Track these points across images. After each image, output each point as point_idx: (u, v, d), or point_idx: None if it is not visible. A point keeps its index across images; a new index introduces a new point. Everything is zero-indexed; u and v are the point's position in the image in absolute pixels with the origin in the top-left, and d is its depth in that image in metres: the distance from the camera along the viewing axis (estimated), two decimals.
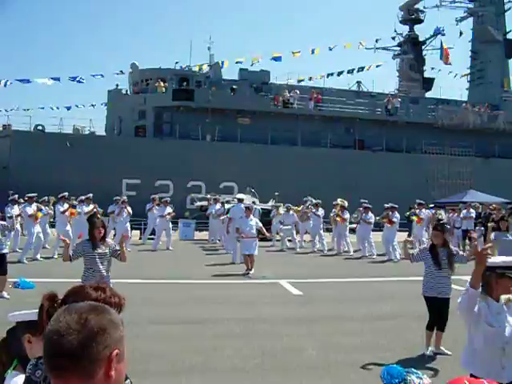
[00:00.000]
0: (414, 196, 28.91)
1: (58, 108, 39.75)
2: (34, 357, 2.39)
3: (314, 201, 22.68)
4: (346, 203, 21.71)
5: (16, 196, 19.04)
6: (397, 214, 20.16)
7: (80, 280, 7.31)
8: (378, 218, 20.69)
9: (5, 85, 35.05)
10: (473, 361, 4.38)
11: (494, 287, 4.35)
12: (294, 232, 22.27)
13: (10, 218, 18.45)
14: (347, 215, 21.09)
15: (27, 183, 25.69)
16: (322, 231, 21.90)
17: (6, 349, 2.77)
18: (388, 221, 19.94)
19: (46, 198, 20.69)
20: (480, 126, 39.79)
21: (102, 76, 37.85)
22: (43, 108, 39.69)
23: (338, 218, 21.05)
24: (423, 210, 21.51)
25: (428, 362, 7.36)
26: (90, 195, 20.57)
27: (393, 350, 7.73)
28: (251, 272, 15.01)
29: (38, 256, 17.32)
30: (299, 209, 22.71)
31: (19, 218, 18.74)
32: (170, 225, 21.91)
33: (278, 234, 22.65)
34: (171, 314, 9.84)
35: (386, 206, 20.48)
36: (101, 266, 7.55)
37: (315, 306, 10.87)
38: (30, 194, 18.82)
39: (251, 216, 16.22)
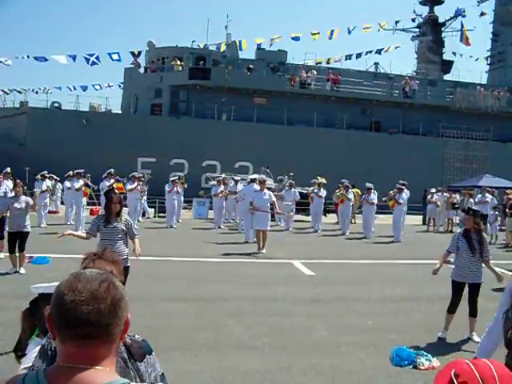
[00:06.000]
0: (429, 179, 28.87)
1: (74, 88, 39.65)
2: None
3: (289, 181, 23.03)
4: (324, 181, 22.45)
5: (70, 173, 20.97)
6: (372, 196, 20.76)
7: None
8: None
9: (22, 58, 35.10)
10: None
11: None
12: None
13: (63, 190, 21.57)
14: (324, 193, 22.00)
15: (43, 160, 25.85)
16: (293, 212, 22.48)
17: (29, 318, 2.98)
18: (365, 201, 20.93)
19: (71, 172, 21.28)
20: (498, 110, 39.29)
21: (119, 56, 37.53)
22: (60, 88, 39.39)
23: (312, 195, 22.11)
24: (403, 194, 20.24)
25: (438, 345, 7.37)
26: (137, 174, 22.33)
27: (403, 333, 7.75)
28: (263, 251, 15.06)
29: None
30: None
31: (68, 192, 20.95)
32: (224, 204, 22.31)
33: None
34: (183, 291, 9.92)
35: (368, 185, 20.73)
36: (113, 241, 7.45)
37: (327, 287, 10.91)
38: (78, 170, 20.36)
39: (265, 190, 16.27)
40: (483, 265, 7.66)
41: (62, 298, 1.53)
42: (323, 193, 21.92)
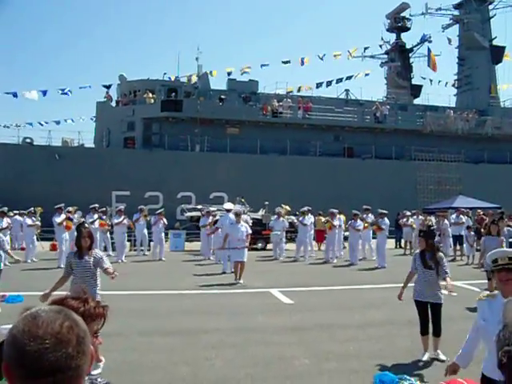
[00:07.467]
0: (404, 203, 29.01)
1: (47, 123, 39.36)
2: None
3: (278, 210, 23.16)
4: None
5: (32, 209, 21.13)
6: (359, 222, 20.88)
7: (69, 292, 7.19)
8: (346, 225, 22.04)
9: None
10: (485, 361, 4.16)
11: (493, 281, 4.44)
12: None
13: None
14: (309, 221, 22.06)
15: (16, 196, 25.51)
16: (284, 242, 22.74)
17: None
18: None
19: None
20: (468, 132, 39.99)
21: (90, 87, 37.83)
22: (31, 124, 38.92)
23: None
24: (385, 219, 20.57)
25: (421, 368, 7.31)
26: (122, 207, 22.14)
27: (385, 357, 7.68)
28: (241, 281, 14.95)
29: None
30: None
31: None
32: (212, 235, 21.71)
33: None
34: (161, 325, 9.73)
35: (355, 212, 21.04)
36: (84, 276, 7.31)
37: (306, 315, 10.81)
38: (58, 205, 19.79)
39: (241, 222, 16.19)
40: (444, 283, 7.66)
41: (23, 348, 1.39)
42: (308, 220, 21.85)
